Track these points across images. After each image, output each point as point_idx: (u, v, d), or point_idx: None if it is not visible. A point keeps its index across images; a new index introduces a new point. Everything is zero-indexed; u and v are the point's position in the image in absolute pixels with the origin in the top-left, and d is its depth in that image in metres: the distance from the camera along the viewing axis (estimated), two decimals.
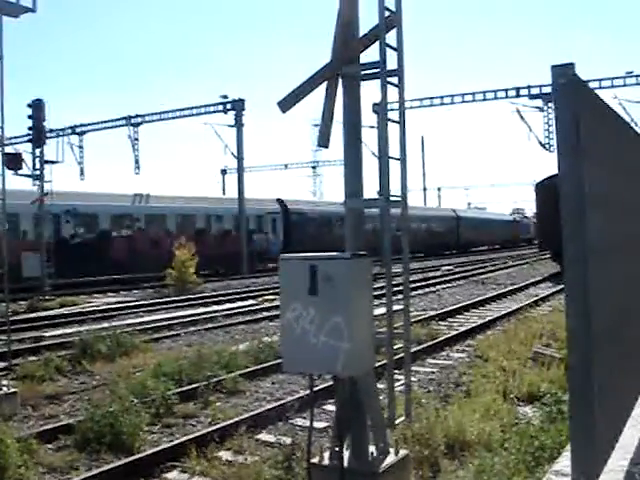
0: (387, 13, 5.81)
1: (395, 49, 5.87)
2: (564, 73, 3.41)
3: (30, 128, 31.14)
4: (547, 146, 40.06)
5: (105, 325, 17.09)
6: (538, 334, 14.15)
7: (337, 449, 5.60)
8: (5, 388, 10.11)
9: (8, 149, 31.67)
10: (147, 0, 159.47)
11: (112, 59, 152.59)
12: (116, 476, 7.14)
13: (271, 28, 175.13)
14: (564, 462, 4.98)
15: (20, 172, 29.54)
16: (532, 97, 40.24)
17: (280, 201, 50.03)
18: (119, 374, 11.24)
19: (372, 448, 5.74)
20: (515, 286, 28.47)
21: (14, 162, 28.50)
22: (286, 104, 6.07)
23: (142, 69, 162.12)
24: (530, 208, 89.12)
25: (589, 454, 3.48)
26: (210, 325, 19.15)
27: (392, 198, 5.84)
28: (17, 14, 11.60)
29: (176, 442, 8.17)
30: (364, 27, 5.96)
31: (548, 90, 34.79)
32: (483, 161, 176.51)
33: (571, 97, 3.43)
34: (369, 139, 6.89)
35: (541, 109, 40.24)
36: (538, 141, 40.94)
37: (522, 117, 41.11)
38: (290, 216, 49.31)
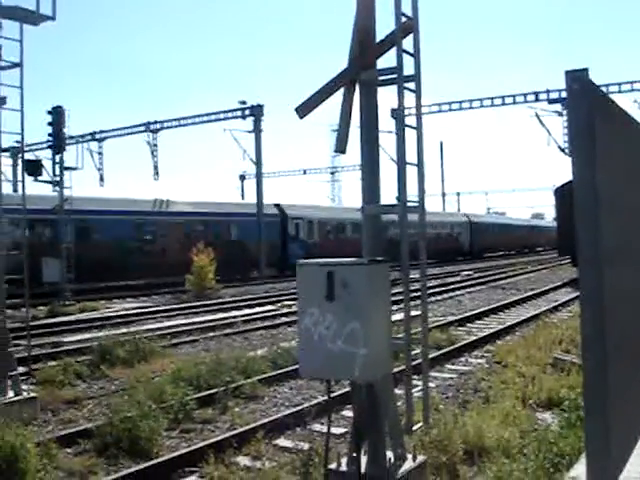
0: (404, 19, 5.81)
1: (412, 55, 5.87)
2: (578, 78, 3.40)
3: (50, 135, 31.35)
4: (566, 151, 39.73)
5: (124, 330, 17.14)
6: (557, 340, 14.08)
7: (355, 455, 5.59)
8: (25, 393, 10.16)
9: (28, 155, 32.11)
10: (169, 11, 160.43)
11: (132, 66, 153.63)
12: None
13: (289, 34, 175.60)
14: (580, 468, 4.96)
15: (40, 178, 29.75)
16: (551, 102, 39.99)
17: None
18: (138, 379, 11.27)
19: (390, 454, 5.71)
20: (535, 291, 28.34)
21: (34, 168, 28.76)
22: (304, 110, 6.08)
23: (162, 77, 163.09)
24: (550, 213, 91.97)
25: (605, 460, 3.46)
26: (228, 330, 19.17)
27: (410, 204, 5.83)
28: (37, 22, 11.63)
29: (194, 447, 8.21)
30: (381, 33, 5.96)
31: None
32: (502, 166, 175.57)
33: (585, 102, 3.42)
34: (386, 144, 6.88)
35: (560, 113, 39.93)
36: (557, 146, 40.71)
37: (541, 122, 40.93)
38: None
